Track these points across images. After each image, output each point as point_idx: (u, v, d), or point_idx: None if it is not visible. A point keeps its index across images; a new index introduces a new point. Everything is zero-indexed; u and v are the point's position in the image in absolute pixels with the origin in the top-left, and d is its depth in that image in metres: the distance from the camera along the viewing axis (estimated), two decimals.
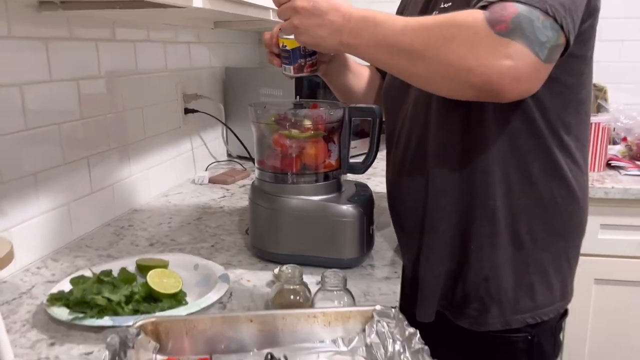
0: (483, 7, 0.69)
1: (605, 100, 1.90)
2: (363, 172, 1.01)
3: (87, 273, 0.89)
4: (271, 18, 1.35)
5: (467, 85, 0.70)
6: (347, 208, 0.94)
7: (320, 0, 0.80)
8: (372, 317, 0.69)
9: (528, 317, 0.87)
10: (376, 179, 1.57)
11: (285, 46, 0.91)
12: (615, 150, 1.84)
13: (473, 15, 0.69)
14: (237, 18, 1.49)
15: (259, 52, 2.35)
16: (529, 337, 0.89)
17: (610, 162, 1.77)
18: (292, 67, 0.94)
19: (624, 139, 1.83)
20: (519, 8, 0.67)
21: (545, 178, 0.84)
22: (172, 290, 0.83)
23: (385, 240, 1.11)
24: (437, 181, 0.88)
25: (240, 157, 1.93)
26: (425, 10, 0.92)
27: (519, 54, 0.66)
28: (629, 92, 2.02)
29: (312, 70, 0.96)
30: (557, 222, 0.87)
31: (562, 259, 0.89)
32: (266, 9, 1.32)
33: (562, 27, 0.68)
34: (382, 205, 1.18)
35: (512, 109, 0.80)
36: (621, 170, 1.71)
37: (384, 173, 1.03)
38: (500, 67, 0.67)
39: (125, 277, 0.88)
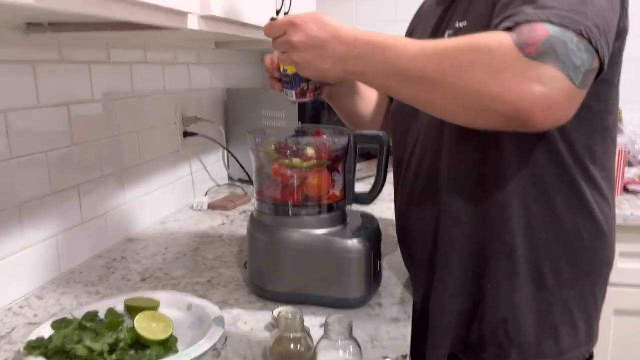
0: (508, 29, 0.63)
1: (621, 121, 1.83)
2: (370, 204, 0.94)
3: (73, 313, 0.82)
4: None
5: (491, 114, 0.63)
6: (352, 243, 0.87)
7: (318, 30, 0.73)
8: None
9: None
10: (383, 205, 1.50)
11: (287, 71, 0.86)
12: (632, 173, 1.77)
13: (498, 38, 0.62)
14: (239, 39, 1.44)
15: (262, 72, 2.30)
16: None
17: (627, 186, 1.69)
18: (294, 92, 0.88)
19: None
20: (550, 29, 0.60)
21: (570, 211, 0.78)
22: (162, 336, 0.76)
23: (394, 274, 1.04)
24: (449, 212, 0.82)
25: (241, 181, 1.87)
26: (437, 31, 0.86)
27: (552, 78, 0.59)
28: None
29: (315, 95, 0.91)
30: (583, 259, 0.80)
31: (588, 297, 0.82)
32: None
33: (597, 51, 0.61)
34: (389, 234, 1.11)
35: (534, 137, 0.73)
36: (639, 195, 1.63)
37: (391, 197, 0.97)
38: (530, 94, 0.59)
39: (112, 320, 0.81)
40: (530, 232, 0.78)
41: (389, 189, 0.99)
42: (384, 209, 1.49)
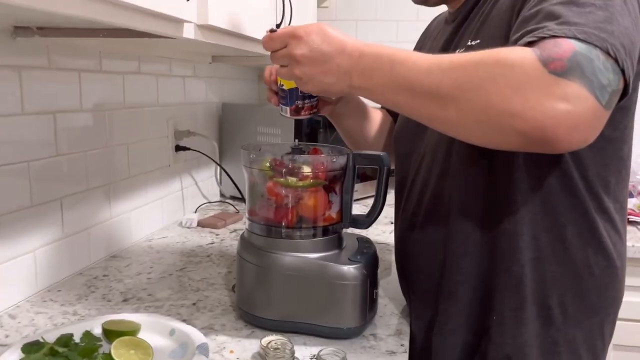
0: (530, 44, 0.59)
1: None
2: (367, 228, 0.89)
3: (47, 336, 0.76)
4: None
5: (510, 132, 0.58)
6: (348, 269, 0.82)
7: (321, 42, 0.69)
8: None
9: None
10: (377, 228, 1.46)
11: (283, 85, 0.82)
12: (632, 204, 1.74)
13: (520, 52, 0.58)
14: (236, 52, 1.41)
15: (258, 88, 2.27)
16: None
17: (628, 217, 1.66)
18: (288, 109, 0.85)
19: None
20: (576, 46, 0.56)
21: (581, 243, 0.73)
22: None
23: (389, 302, 0.99)
24: (458, 239, 0.78)
25: (233, 198, 1.82)
26: (447, 49, 0.83)
27: (578, 96, 0.55)
28: None
29: (310, 114, 0.87)
30: (592, 294, 0.75)
31: (595, 336, 0.77)
32: None
33: (623, 71, 0.58)
34: (384, 259, 1.06)
35: (547, 163, 0.70)
36: (639, 226, 1.59)
37: (386, 220, 0.92)
38: (555, 111, 0.55)
39: (87, 345, 0.75)
40: (538, 264, 0.74)
41: (384, 212, 0.95)
42: (379, 232, 1.45)
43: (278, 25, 0.84)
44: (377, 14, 2.23)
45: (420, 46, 1.00)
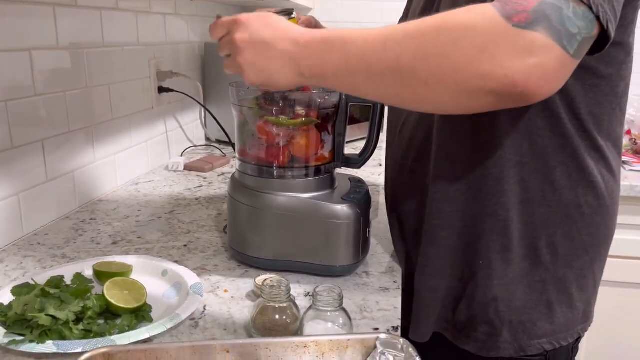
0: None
1: None
2: (360, 167, 0.88)
3: (37, 278, 0.75)
4: None
5: (481, 94, 0.55)
6: (341, 208, 0.81)
7: (264, 26, 0.63)
8: (375, 347, 0.57)
9: (545, 342, 0.76)
10: (367, 170, 1.45)
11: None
12: None
13: (479, 10, 0.55)
14: None
15: None
16: None
17: None
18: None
19: (628, 132, 1.73)
20: None
21: (570, 184, 0.72)
22: (134, 304, 0.70)
23: (380, 242, 0.99)
24: (439, 184, 0.76)
25: (219, 142, 1.79)
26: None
27: (543, 47, 0.52)
28: (635, 82, 1.91)
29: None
30: (583, 234, 0.75)
31: (587, 275, 0.77)
32: None
33: (597, 17, 0.54)
34: (374, 200, 1.05)
35: (533, 105, 0.67)
36: (625, 166, 1.61)
37: (375, 162, 0.90)
38: (523, 65, 0.53)
39: (79, 286, 0.74)
40: (526, 206, 0.73)
41: (375, 155, 0.93)
42: (368, 173, 1.44)
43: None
44: None
45: (406, 11, 0.96)
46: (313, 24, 0.99)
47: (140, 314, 0.69)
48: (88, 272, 0.81)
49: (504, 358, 0.77)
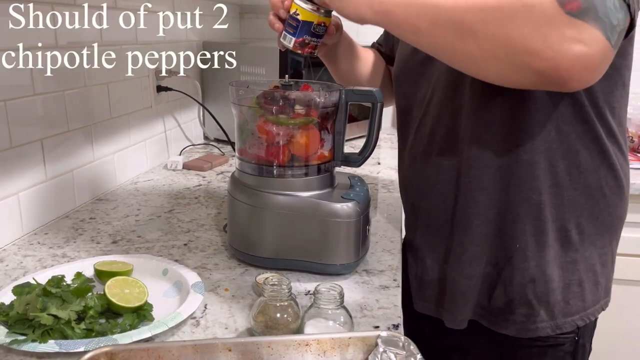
0: None
1: None
2: (359, 165, 0.88)
3: (37, 277, 0.75)
4: None
5: (526, 70, 0.59)
6: (341, 206, 0.81)
7: None
8: (377, 345, 0.58)
9: (578, 319, 0.81)
10: (365, 168, 1.45)
11: (298, 15, 0.79)
12: None
13: None
14: None
15: (239, 26, 2.19)
16: (576, 338, 0.83)
17: None
18: (294, 40, 0.81)
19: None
20: None
21: (593, 166, 0.77)
22: (136, 303, 0.70)
23: (380, 239, 1.00)
24: (472, 174, 0.79)
25: (218, 141, 1.79)
26: None
27: (593, 38, 0.56)
28: (633, 81, 1.92)
29: (311, 52, 0.85)
30: (604, 214, 0.80)
31: (607, 252, 0.83)
32: None
33: (629, 7, 0.59)
34: (373, 197, 1.06)
35: (560, 93, 0.71)
36: None
37: (374, 161, 0.91)
38: (571, 52, 0.57)
39: (80, 285, 0.74)
40: (556, 190, 0.77)
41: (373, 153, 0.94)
42: (366, 171, 1.44)
43: None
44: None
45: None
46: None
47: (142, 313, 0.70)
48: (89, 272, 0.81)
49: (541, 337, 0.81)
